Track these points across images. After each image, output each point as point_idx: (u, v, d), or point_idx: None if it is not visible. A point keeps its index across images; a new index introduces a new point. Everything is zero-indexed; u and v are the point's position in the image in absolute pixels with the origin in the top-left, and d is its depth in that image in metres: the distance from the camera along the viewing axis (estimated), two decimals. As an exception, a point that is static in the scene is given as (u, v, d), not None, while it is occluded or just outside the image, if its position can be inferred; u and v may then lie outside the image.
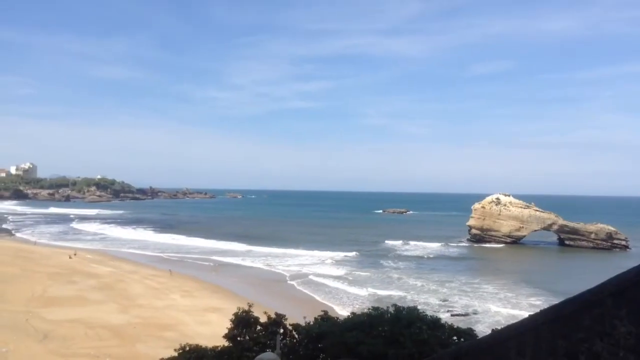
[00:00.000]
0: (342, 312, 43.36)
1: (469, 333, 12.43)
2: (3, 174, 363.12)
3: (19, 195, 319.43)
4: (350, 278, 65.92)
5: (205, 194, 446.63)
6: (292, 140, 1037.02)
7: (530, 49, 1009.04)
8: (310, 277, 66.31)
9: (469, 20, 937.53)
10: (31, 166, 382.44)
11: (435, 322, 12.48)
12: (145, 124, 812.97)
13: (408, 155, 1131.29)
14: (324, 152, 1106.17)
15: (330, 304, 48.75)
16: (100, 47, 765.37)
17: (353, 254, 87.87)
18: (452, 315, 45.07)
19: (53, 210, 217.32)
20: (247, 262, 78.35)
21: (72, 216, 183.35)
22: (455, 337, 12.13)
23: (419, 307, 13.63)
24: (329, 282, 63.21)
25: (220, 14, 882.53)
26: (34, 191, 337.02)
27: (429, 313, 13.50)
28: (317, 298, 54.04)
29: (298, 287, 59.81)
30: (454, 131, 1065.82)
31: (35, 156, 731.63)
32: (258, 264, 77.16)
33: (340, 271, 71.14)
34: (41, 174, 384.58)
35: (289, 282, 63.36)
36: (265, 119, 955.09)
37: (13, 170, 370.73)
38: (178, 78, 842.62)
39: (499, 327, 7.82)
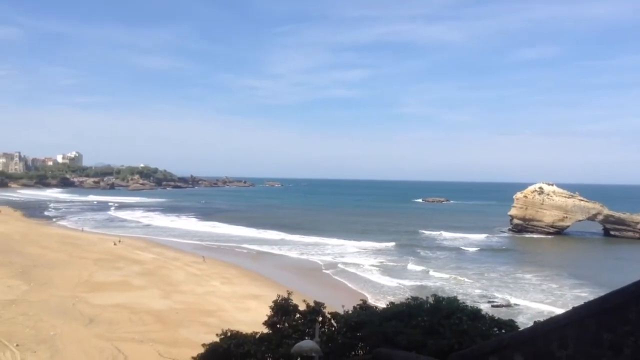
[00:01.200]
0: (380, 301, 43.34)
1: (510, 325, 12.26)
2: (50, 163, 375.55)
3: (65, 183, 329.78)
4: (388, 268, 65.75)
5: (245, 182, 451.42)
6: (331, 129, 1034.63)
7: (575, 34, 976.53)
8: (347, 266, 66.39)
9: (511, 5, 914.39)
10: (77, 155, 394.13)
11: (476, 313, 12.34)
12: (186, 113, 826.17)
13: (448, 143, 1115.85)
14: (363, 141, 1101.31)
15: (367, 294, 48.77)
16: (143, 38, 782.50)
17: (391, 243, 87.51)
18: (492, 306, 44.51)
19: (98, 197, 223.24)
20: (285, 251, 78.98)
21: (116, 204, 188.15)
22: (495, 329, 11.98)
23: (458, 297, 13.50)
24: (366, 271, 63.20)
25: (260, 3, 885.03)
26: (80, 179, 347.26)
27: (469, 304, 13.37)
28: (354, 287, 54.06)
29: (334, 276, 59.97)
30: (496, 119, 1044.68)
31: (81, 145, 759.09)
32: (295, 252, 77.69)
33: (378, 261, 71.02)
34: (87, 162, 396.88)
35: (325, 270, 63.60)
36: (304, 107, 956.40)
37: (60, 159, 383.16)
38: (218, 67, 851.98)
39: (542, 319, 7.69)
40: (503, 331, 11.78)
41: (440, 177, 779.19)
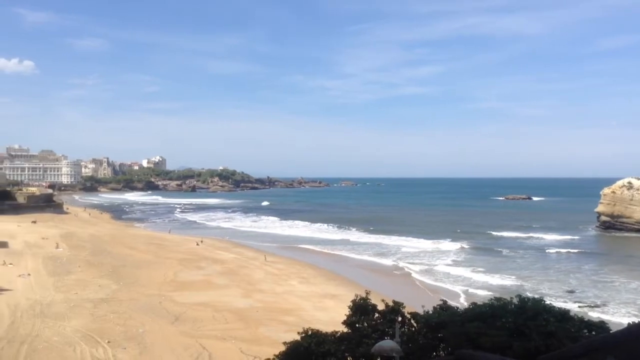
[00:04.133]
0: (460, 301, 42.52)
1: (600, 326, 11.68)
2: (136, 167, 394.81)
3: (150, 187, 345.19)
4: (468, 267, 64.24)
5: (320, 182, 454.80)
6: (405, 126, 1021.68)
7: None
8: (424, 266, 65.49)
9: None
10: (161, 159, 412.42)
11: (564, 314, 11.86)
12: (260, 115, 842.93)
13: (527, 138, 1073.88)
14: (437, 138, 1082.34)
15: (446, 294, 47.88)
16: (217, 44, 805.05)
17: (471, 242, 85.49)
18: (580, 307, 42.55)
19: (180, 200, 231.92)
20: (361, 250, 78.86)
21: (197, 205, 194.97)
22: (585, 330, 11.46)
23: (542, 297, 13.02)
24: (444, 270, 62.08)
25: (329, 4, 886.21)
26: (164, 182, 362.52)
27: (555, 304, 12.86)
28: (431, 287, 53.21)
29: (413, 276, 59.25)
30: (577, 111, 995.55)
31: (164, 149, 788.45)
32: (371, 251, 77.44)
33: (457, 260, 69.66)
34: (170, 166, 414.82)
35: (402, 270, 63.00)
36: (376, 106, 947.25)
37: (145, 163, 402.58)
38: (289, 69, 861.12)
39: (636, 321, 7.29)
40: (593, 333, 11.27)
41: (520, 174, 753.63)
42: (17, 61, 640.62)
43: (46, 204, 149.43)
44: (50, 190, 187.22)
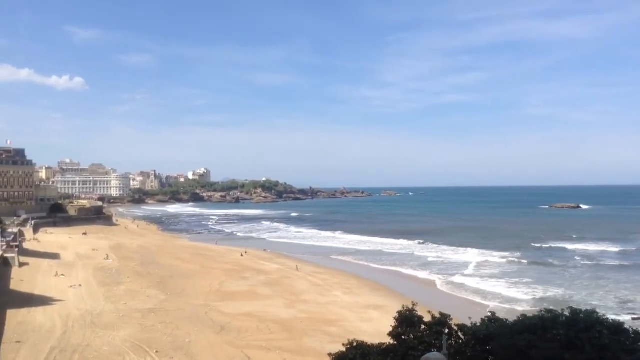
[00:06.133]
0: (508, 313, 41.53)
1: (657, 340, 11.20)
2: (182, 179, 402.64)
3: (196, 198, 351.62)
4: (515, 279, 62.78)
5: (362, 192, 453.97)
6: (450, 135, 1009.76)
7: None
8: (472, 277, 64.42)
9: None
10: (206, 171, 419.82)
11: (618, 327, 11.42)
12: (302, 126, 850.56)
13: (578, 145, 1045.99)
14: (483, 146, 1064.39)
15: (493, 306, 46.92)
16: (261, 56, 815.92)
17: (517, 253, 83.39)
18: (633, 318, 40.94)
19: (224, 211, 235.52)
20: (405, 261, 78.07)
21: (240, 217, 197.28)
22: (641, 343, 11.01)
23: (594, 309, 12.58)
24: (491, 282, 60.84)
25: (371, 14, 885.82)
26: (209, 194, 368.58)
27: (609, 316, 12.42)
28: (479, 299, 52.23)
29: (457, 288, 58.27)
30: (631, 116, 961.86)
31: (209, 161, 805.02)
32: (416, 262, 76.60)
33: (504, 271, 68.25)
34: (214, 177, 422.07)
35: (448, 281, 62.01)
36: (420, 115, 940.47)
37: (190, 175, 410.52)
38: (331, 79, 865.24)
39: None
40: (649, 346, 10.81)
41: (568, 182, 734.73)
42: (68, 78, 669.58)
43: (96, 216, 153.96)
44: (100, 203, 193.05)
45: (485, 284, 59.71)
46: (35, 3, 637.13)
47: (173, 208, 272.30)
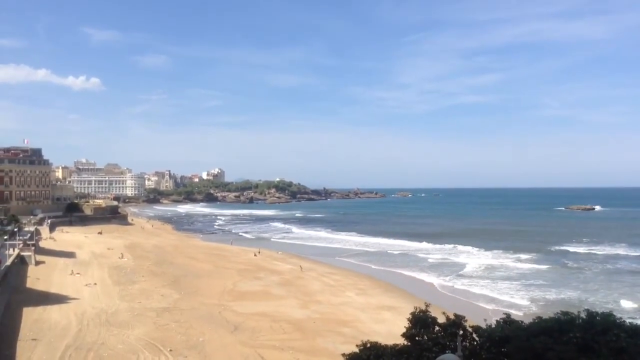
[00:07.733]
0: (523, 316, 41.15)
1: (676, 344, 11.03)
2: (196, 179, 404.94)
3: (210, 198, 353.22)
4: (530, 280, 62.29)
5: (376, 193, 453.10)
6: (464, 136, 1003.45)
7: None
8: (486, 279, 64.03)
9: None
10: (220, 171, 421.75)
11: (635, 330, 11.27)
12: (317, 127, 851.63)
13: (596, 146, 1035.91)
14: (499, 147, 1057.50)
15: (507, 308, 46.50)
16: (276, 57, 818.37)
17: (533, 255, 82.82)
18: (652, 323, 40.37)
19: (238, 211, 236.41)
20: (419, 262, 77.82)
21: (254, 217, 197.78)
22: (659, 347, 10.85)
23: (611, 312, 12.42)
24: (505, 284, 60.41)
25: (386, 15, 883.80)
26: (222, 194, 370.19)
27: (626, 319, 12.25)
28: (493, 301, 51.89)
29: (471, 289, 57.85)
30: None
31: (223, 162, 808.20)
32: (429, 263, 76.37)
33: (519, 273, 67.69)
34: (228, 178, 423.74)
35: (462, 282, 61.66)
36: (434, 116, 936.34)
37: (204, 176, 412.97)
38: (347, 80, 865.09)
39: None
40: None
41: (585, 183, 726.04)
42: (85, 78, 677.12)
43: (112, 215, 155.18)
44: (115, 202, 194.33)
45: (500, 285, 59.26)
46: (52, 4, 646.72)
47: (184, 208, 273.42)
